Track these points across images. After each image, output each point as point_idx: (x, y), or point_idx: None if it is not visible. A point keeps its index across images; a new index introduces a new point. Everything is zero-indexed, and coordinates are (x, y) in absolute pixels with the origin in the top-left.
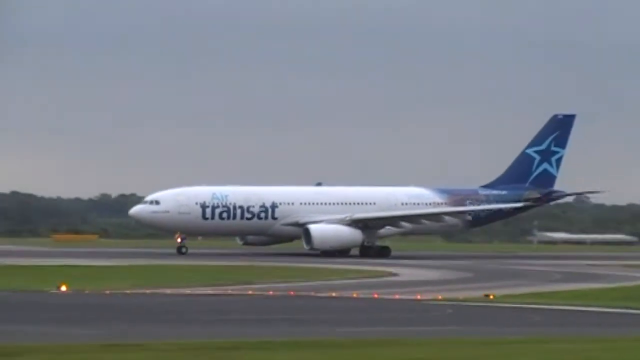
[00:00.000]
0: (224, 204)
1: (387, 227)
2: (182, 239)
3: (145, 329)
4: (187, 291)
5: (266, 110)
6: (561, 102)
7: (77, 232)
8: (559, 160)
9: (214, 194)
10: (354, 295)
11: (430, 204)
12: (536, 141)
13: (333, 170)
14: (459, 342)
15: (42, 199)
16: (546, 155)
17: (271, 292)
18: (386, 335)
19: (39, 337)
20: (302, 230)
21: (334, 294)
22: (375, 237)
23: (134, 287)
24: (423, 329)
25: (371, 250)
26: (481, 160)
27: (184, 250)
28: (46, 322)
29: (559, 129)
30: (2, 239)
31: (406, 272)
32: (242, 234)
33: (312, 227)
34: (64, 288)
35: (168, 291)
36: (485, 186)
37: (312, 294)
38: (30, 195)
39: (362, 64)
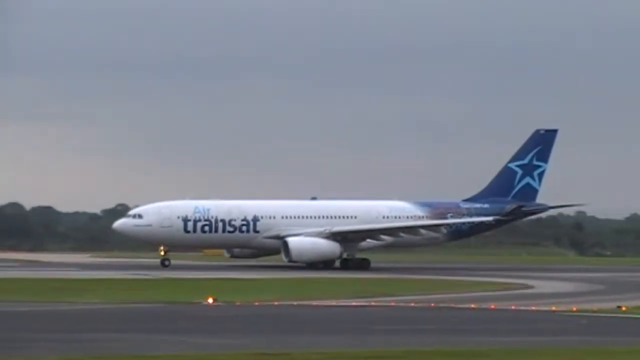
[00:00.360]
0: (205, 217)
1: (368, 240)
2: (165, 252)
3: (294, 339)
4: (333, 302)
5: None
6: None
7: None
8: (541, 175)
9: (196, 207)
10: (492, 306)
11: (411, 217)
12: (519, 155)
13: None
14: (596, 352)
15: None
16: (528, 170)
17: (413, 304)
18: (527, 345)
19: (194, 347)
20: (281, 243)
21: (472, 306)
22: (355, 250)
23: (282, 298)
24: (560, 338)
25: (350, 262)
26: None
27: (167, 263)
28: (201, 333)
29: (541, 143)
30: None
31: (541, 285)
32: (225, 247)
33: (290, 240)
34: (210, 300)
35: (314, 303)
36: (467, 200)
37: (452, 305)
38: None
39: None
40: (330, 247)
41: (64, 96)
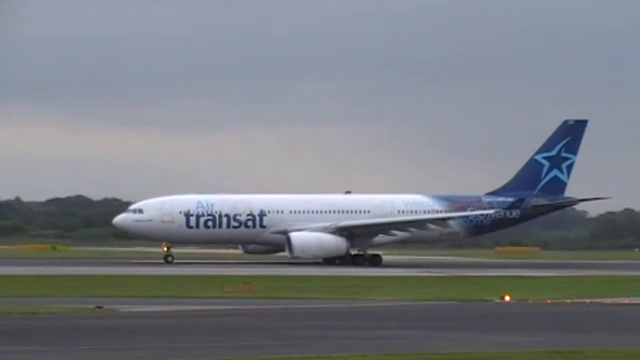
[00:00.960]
0: (209, 212)
1: (380, 236)
2: (167, 248)
3: (590, 338)
4: (625, 301)
5: None
6: None
7: (518, 245)
8: (569, 167)
9: (199, 202)
10: None
11: (427, 211)
12: (546, 147)
13: None
14: None
15: None
16: (556, 162)
17: None
18: None
19: (488, 345)
20: (285, 238)
21: None
22: (366, 245)
23: (574, 297)
24: None
25: (361, 258)
26: None
27: (170, 259)
28: (495, 331)
29: (570, 134)
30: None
31: None
32: (231, 242)
33: (293, 235)
34: (507, 298)
35: (607, 301)
36: (490, 193)
37: None
38: None
39: None
40: (335, 243)
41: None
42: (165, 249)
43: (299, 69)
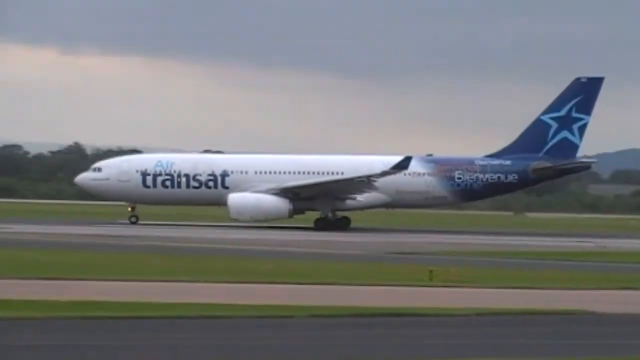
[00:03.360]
0: (167, 171)
1: (358, 199)
2: (132, 209)
3: None
4: None
5: None
6: None
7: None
8: (582, 128)
9: (158, 161)
10: None
11: (409, 174)
12: (554, 107)
13: None
14: None
15: None
16: (566, 122)
17: None
18: None
19: None
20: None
21: None
22: (327, 208)
23: None
24: None
25: (323, 222)
26: None
27: (133, 219)
28: None
29: (583, 93)
30: None
31: None
32: (190, 204)
33: (230, 196)
34: None
35: None
36: (491, 155)
37: None
38: None
39: None
40: (275, 205)
41: None
42: (129, 209)
43: None
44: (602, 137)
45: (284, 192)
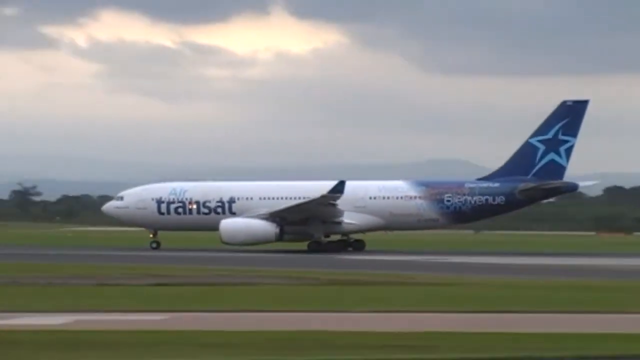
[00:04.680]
0: (180, 199)
1: (346, 222)
2: (153, 235)
3: None
4: None
5: None
6: None
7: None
8: (568, 150)
9: (172, 189)
10: None
11: (401, 197)
12: (541, 130)
13: None
14: None
15: None
16: (553, 145)
17: None
18: None
19: None
20: None
21: None
22: (319, 231)
23: None
24: None
25: (315, 245)
26: None
27: (154, 245)
28: None
29: (568, 116)
30: None
31: None
32: (201, 229)
33: (222, 221)
34: None
35: None
36: (482, 179)
37: None
38: None
39: None
40: (263, 229)
41: None
42: (150, 235)
43: None
44: None
45: (272, 217)
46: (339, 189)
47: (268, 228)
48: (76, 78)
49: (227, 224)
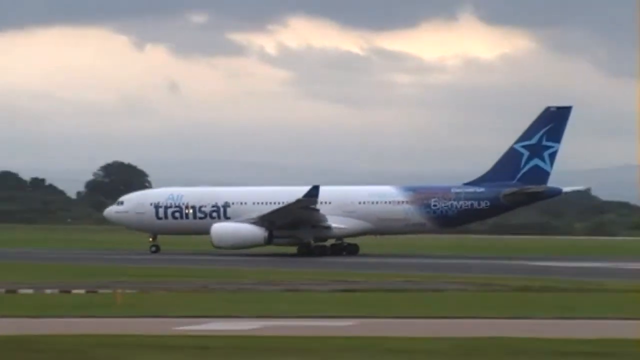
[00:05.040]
0: (177, 204)
1: (335, 226)
2: (152, 239)
3: None
4: None
5: None
6: None
7: None
8: (552, 155)
9: (170, 194)
10: None
11: (389, 202)
12: (526, 136)
13: None
14: None
15: None
16: (537, 151)
17: None
18: None
19: None
20: None
21: None
22: (309, 235)
23: None
24: None
25: (305, 248)
26: None
27: (153, 249)
28: None
29: (552, 121)
30: None
31: None
32: (197, 233)
33: (213, 226)
34: None
35: None
36: (469, 183)
37: None
38: None
39: None
40: (252, 233)
41: None
42: (150, 239)
43: None
44: None
45: (261, 221)
46: (313, 193)
47: (257, 232)
48: (266, 85)
49: (217, 228)
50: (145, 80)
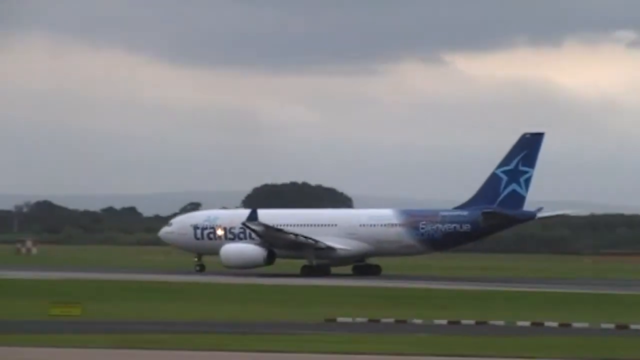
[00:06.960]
0: (212, 225)
1: (340, 247)
2: (197, 258)
3: None
4: None
5: None
6: None
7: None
8: (527, 181)
9: (207, 216)
10: None
11: (384, 224)
12: (505, 161)
13: None
14: None
15: None
16: (514, 176)
17: None
18: None
19: None
20: None
21: None
22: (311, 256)
23: None
24: None
25: (307, 269)
26: None
27: (197, 268)
28: None
29: (527, 148)
30: None
31: None
32: None
33: (223, 247)
34: None
35: None
36: (458, 207)
37: None
38: None
39: None
40: (254, 253)
41: None
42: (195, 259)
43: None
44: None
45: (263, 242)
46: (253, 217)
47: (257, 252)
48: None
49: (226, 248)
50: None
